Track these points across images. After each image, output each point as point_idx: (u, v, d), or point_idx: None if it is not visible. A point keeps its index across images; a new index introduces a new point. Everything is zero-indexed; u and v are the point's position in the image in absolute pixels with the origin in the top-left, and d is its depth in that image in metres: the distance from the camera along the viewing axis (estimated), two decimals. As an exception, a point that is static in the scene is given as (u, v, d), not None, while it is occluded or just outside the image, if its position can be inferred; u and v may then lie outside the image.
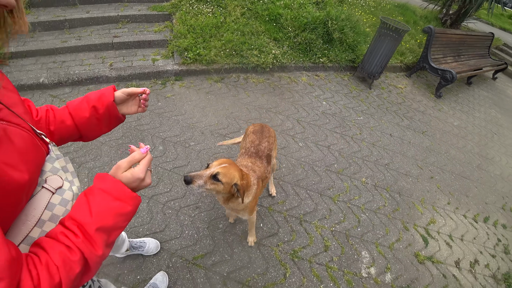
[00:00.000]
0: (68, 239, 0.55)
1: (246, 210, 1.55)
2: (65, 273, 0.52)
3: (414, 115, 4.00)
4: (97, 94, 0.89)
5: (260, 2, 4.47)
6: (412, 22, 5.90)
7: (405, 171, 2.98)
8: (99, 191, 0.62)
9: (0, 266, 0.44)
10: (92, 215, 0.58)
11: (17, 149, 0.57)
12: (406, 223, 2.45)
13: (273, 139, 1.85)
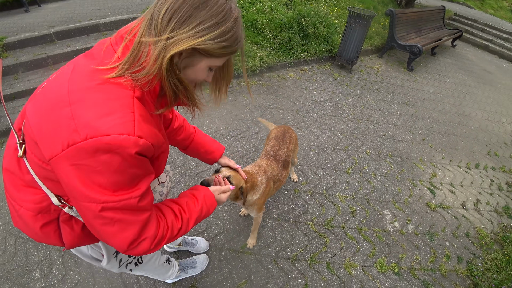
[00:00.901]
0: (180, 214, 0.83)
1: (254, 207, 1.64)
2: (170, 231, 0.77)
3: (394, 89, 4.40)
4: (215, 146, 1.29)
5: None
6: (372, 7, 6.41)
7: (400, 138, 3.32)
8: (203, 199, 0.92)
9: (149, 202, 0.70)
10: (197, 210, 0.87)
11: None
12: (412, 180, 2.76)
13: (294, 145, 1.95)
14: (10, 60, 4.03)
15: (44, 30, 4.56)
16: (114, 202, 0.60)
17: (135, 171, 0.63)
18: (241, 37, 0.68)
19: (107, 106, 0.57)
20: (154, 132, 0.65)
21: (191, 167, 2.60)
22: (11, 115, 3.36)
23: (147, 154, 0.64)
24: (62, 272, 1.92)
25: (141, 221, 0.67)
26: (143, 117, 0.62)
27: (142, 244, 0.69)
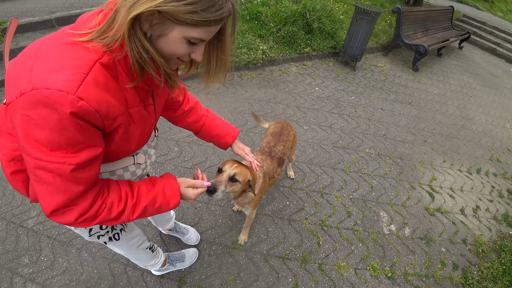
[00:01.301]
0: (126, 197, 0.76)
1: (251, 204, 1.58)
2: (106, 211, 0.72)
3: (398, 89, 4.32)
4: (227, 130, 1.24)
5: (238, 3, 4.65)
6: (379, 5, 6.29)
7: (401, 138, 3.26)
8: (162, 188, 0.84)
9: (89, 177, 0.66)
10: (148, 197, 0.80)
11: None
12: (412, 183, 2.71)
13: (291, 142, 1.91)
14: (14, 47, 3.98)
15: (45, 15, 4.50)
16: (47, 161, 0.59)
17: (73, 135, 0.59)
18: (224, 2, 0.60)
19: (61, 63, 0.56)
20: (107, 100, 0.61)
21: (186, 159, 2.56)
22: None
23: (90, 120, 0.60)
24: (50, 259, 1.90)
25: (71, 192, 0.64)
26: (97, 82, 0.59)
27: (66, 214, 0.66)
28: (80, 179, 0.64)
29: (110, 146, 0.72)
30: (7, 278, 1.82)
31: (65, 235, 2.03)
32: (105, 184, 0.75)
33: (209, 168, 2.51)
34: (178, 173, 2.43)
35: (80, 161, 0.62)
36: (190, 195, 0.88)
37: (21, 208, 2.25)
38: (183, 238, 1.89)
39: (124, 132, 0.71)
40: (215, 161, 2.58)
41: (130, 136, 0.76)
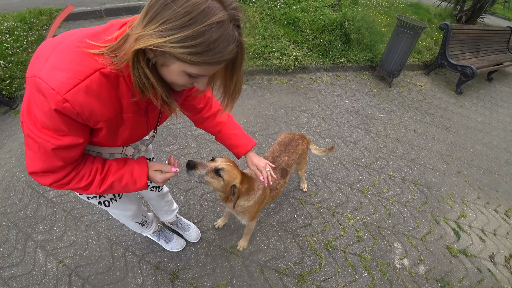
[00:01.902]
0: (95, 172, 0.85)
1: (246, 215, 1.49)
2: (76, 181, 0.82)
3: (436, 111, 4.02)
4: (241, 142, 1.25)
5: (277, 7, 4.64)
6: (427, 20, 5.93)
7: (431, 165, 3.01)
8: (131, 168, 0.91)
9: (68, 158, 0.75)
10: (116, 175, 0.88)
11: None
12: (436, 216, 2.48)
13: (298, 156, 1.81)
14: (62, 31, 4.34)
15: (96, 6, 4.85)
16: (36, 135, 0.68)
17: (58, 124, 0.67)
18: (224, 47, 0.61)
19: (66, 65, 0.63)
20: (92, 106, 0.68)
21: (202, 156, 2.59)
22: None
23: (74, 117, 0.67)
24: (62, 230, 2.02)
25: (50, 164, 0.74)
26: (89, 90, 0.65)
27: (43, 178, 0.78)
28: (59, 157, 0.73)
29: (95, 138, 0.81)
30: (22, 241, 1.97)
31: (78, 210, 2.14)
32: (83, 158, 0.84)
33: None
34: None
35: (62, 144, 0.70)
36: (157, 179, 0.94)
37: (45, 180, 2.42)
38: (184, 234, 1.92)
39: (107, 133, 0.79)
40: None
41: (117, 136, 0.83)
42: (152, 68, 0.67)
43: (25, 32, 4.10)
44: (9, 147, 2.83)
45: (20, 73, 3.59)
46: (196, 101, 1.13)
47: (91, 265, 1.81)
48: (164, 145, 2.68)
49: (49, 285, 1.73)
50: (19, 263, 1.85)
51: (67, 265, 1.82)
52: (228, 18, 0.60)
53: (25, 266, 1.83)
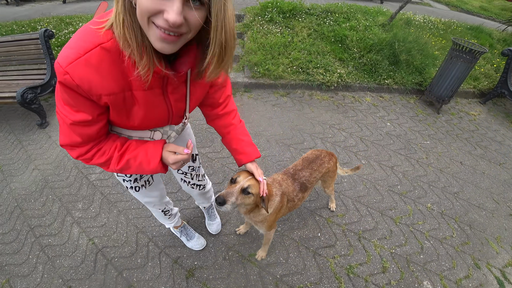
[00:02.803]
0: (114, 149, 0.90)
1: (264, 223, 1.48)
2: (97, 157, 0.88)
3: (489, 144, 3.64)
4: (246, 150, 1.20)
5: (326, 24, 4.65)
6: (488, 45, 5.44)
7: (477, 203, 2.72)
8: (147, 147, 0.92)
9: (84, 135, 0.81)
10: (132, 153, 0.91)
11: None
12: (477, 260, 2.22)
13: (321, 174, 1.75)
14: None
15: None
16: (60, 110, 0.77)
17: (67, 98, 0.74)
18: None
19: (74, 43, 0.69)
20: (91, 79, 0.71)
21: (235, 163, 2.64)
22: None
23: (76, 90, 0.72)
24: (96, 211, 2.19)
25: (71, 139, 0.82)
26: (89, 63, 0.68)
27: (70, 151, 0.86)
28: (76, 132, 0.80)
29: (110, 117, 0.85)
30: (62, 215, 2.18)
31: (114, 196, 2.32)
32: (108, 138, 0.91)
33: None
34: (223, 172, 2.53)
35: (75, 120, 0.77)
36: (169, 159, 0.91)
37: (91, 164, 2.67)
38: (207, 221, 2.06)
39: (114, 110, 0.81)
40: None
41: (131, 115, 0.85)
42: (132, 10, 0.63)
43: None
44: (66, 130, 3.17)
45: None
46: (218, 94, 1.12)
47: (117, 248, 1.93)
48: (200, 147, 2.80)
49: (77, 259, 1.88)
50: (56, 234, 2.05)
51: (96, 244, 1.96)
52: None
53: (60, 237, 2.02)
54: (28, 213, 2.21)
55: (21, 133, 3.17)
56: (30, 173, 2.59)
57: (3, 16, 7.04)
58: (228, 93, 1.17)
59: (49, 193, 2.37)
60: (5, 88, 3.18)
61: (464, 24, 6.02)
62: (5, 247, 1.98)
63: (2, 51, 3.40)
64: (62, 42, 4.34)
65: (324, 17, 4.79)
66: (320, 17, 4.81)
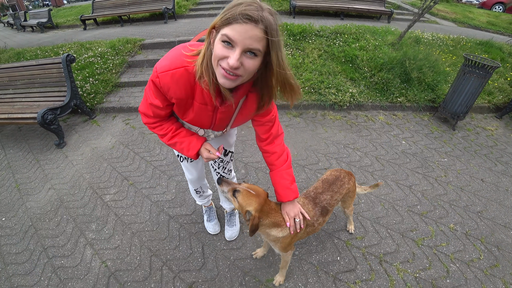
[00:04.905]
0: (170, 129, 1.24)
1: (278, 244, 1.48)
2: (158, 129, 1.24)
3: (510, 160, 3.51)
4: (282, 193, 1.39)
5: (336, 45, 4.73)
6: (499, 59, 5.39)
7: (503, 222, 2.58)
8: (191, 139, 1.26)
9: (155, 113, 1.16)
10: (180, 139, 1.25)
11: None
12: (508, 284, 2.07)
13: (342, 196, 1.74)
14: (141, 57, 5.02)
15: (172, 38, 5.55)
16: (147, 92, 1.11)
17: (152, 88, 1.05)
18: (243, 7, 0.78)
19: (170, 58, 0.98)
20: (170, 87, 1.00)
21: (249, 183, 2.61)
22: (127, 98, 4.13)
23: (158, 88, 1.03)
24: (110, 233, 2.18)
25: (147, 111, 1.16)
26: (173, 76, 0.97)
27: (143, 118, 1.21)
28: (151, 110, 1.14)
29: (173, 108, 1.15)
30: (75, 236, 2.17)
31: (128, 217, 2.30)
32: (170, 119, 1.25)
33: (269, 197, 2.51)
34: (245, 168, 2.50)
35: (153, 103, 1.09)
36: (204, 154, 1.25)
37: (106, 183, 2.69)
38: (226, 226, 2.17)
39: (177, 107, 1.11)
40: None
41: (186, 113, 1.15)
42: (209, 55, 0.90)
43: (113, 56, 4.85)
44: (82, 150, 3.25)
45: (103, 89, 4.20)
46: (261, 130, 1.33)
47: (130, 271, 1.90)
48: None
49: (89, 282, 1.85)
50: (69, 255, 2.03)
51: (108, 267, 1.93)
52: (257, 5, 0.79)
53: (73, 259, 2.00)
54: (42, 233, 2.21)
55: (39, 153, 3.26)
56: (46, 193, 2.62)
57: (28, 42, 7.51)
58: (272, 132, 1.32)
59: (64, 213, 2.38)
60: (27, 109, 3.32)
61: (474, 40, 6.02)
62: (17, 267, 1.97)
63: (26, 74, 3.59)
64: (82, 65, 4.54)
65: (333, 38, 4.89)
66: (329, 38, 4.90)
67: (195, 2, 8.94)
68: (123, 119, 3.83)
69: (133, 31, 6.78)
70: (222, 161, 1.71)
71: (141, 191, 2.58)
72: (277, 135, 1.35)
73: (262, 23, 0.78)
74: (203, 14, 8.11)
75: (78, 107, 3.66)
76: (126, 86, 4.47)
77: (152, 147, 3.21)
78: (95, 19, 8.32)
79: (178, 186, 2.62)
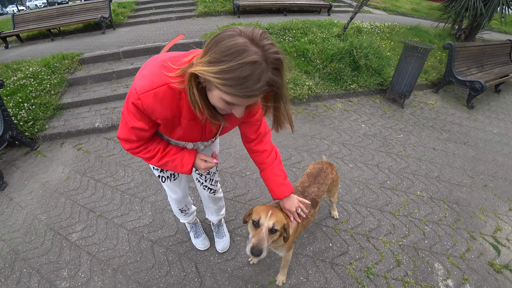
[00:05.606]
0: (158, 150, 1.14)
1: (285, 246, 1.49)
2: (143, 152, 1.12)
3: (451, 127, 4.00)
4: (276, 190, 1.35)
5: (286, 40, 4.86)
6: (428, 41, 6.11)
7: (457, 181, 2.93)
8: (183, 155, 1.18)
9: (139, 136, 1.04)
10: (171, 157, 1.16)
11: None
12: (471, 232, 2.36)
13: (327, 186, 1.80)
14: (82, 73, 4.56)
15: (114, 49, 5.14)
16: (125, 115, 0.99)
17: (133, 111, 0.94)
18: (253, 85, 0.70)
19: (149, 76, 0.89)
20: (155, 107, 0.91)
21: (228, 190, 2.55)
22: (74, 120, 3.71)
23: (141, 110, 0.93)
24: (87, 276, 1.93)
25: (128, 136, 1.04)
26: (156, 96, 0.89)
27: (124, 144, 1.09)
28: (134, 134, 1.02)
29: (159, 128, 1.07)
30: (46, 290, 1.86)
31: (104, 253, 2.06)
32: (154, 139, 1.14)
33: (250, 201, 2.47)
34: (232, 207, 2.42)
35: (135, 126, 0.98)
36: (201, 166, 1.19)
37: (69, 221, 2.37)
38: (215, 239, 2.07)
39: (163, 127, 1.03)
40: (256, 193, 2.53)
41: (174, 132, 1.07)
42: (202, 90, 0.83)
43: (49, 75, 4.29)
44: (30, 188, 2.82)
45: (42, 114, 3.69)
46: (249, 130, 1.26)
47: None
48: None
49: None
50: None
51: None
52: (262, 58, 0.68)
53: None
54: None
55: (-26, 202, 2.75)
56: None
57: None
58: (260, 131, 1.28)
59: (23, 266, 2.03)
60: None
61: (405, 26, 6.74)
62: None
63: None
64: (12, 90, 3.91)
65: (282, 34, 5.02)
66: (279, 35, 5.02)
67: (133, 9, 8.39)
68: (73, 145, 3.43)
69: (68, 45, 6.11)
70: (208, 173, 1.63)
71: (113, 221, 2.34)
72: (265, 133, 1.31)
73: (269, 87, 0.75)
74: (143, 20, 7.67)
75: (15, 138, 3.17)
76: (71, 107, 4.02)
77: (114, 170, 2.93)
78: (18, 35, 7.27)
79: (153, 207, 2.44)
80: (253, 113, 1.18)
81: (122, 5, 8.31)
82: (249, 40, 0.68)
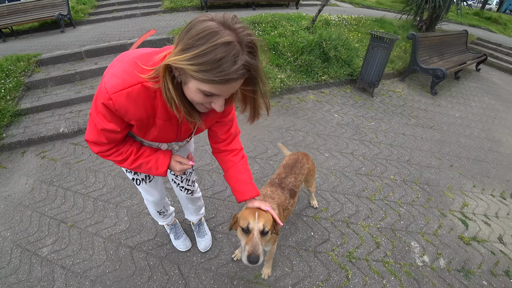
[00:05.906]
0: (131, 152, 1.08)
1: (271, 240, 1.47)
2: (115, 155, 1.05)
3: (418, 113, 4.23)
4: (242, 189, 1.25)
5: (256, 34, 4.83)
6: (393, 32, 6.39)
7: (426, 163, 3.11)
8: (157, 157, 1.13)
9: (110, 138, 0.96)
10: (145, 159, 1.11)
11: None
12: (442, 210, 2.52)
13: (304, 176, 1.80)
14: (41, 75, 4.23)
15: (76, 48, 4.82)
16: (94, 116, 0.91)
17: (104, 112, 0.87)
18: (229, 67, 0.67)
19: (121, 74, 0.83)
20: (128, 108, 0.86)
21: (206, 187, 2.50)
22: (36, 126, 3.45)
23: (113, 111, 0.86)
24: (63, 291, 1.81)
25: (98, 139, 0.96)
26: (129, 95, 0.83)
27: (92, 147, 1.01)
28: (104, 136, 0.95)
29: (131, 129, 1.01)
30: (18, 311, 1.73)
31: (79, 265, 1.95)
32: (126, 140, 1.08)
33: (229, 197, 2.44)
34: (212, 204, 2.36)
35: (105, 128, 0.91)
36: (176, 168, 1.15)
37: (37, 235, 2.21)
38: (197, 238, 2.03)
39: (137, 128, 0.98)
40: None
41: (148, 133, 1.02)
42: (178, 85, 0.79)
43: (3, 79, 3.95)
44: (-9, 204, 2.59)
45: (-2, 123, 3.39)
46: (221, 130, 1.22)
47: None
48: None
49: None
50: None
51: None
52: (235, 40, 0.66)
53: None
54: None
55: None
56: (-46, 271, 2.02)
57: None
58: (231, 132, 1.25)
59: (-10, 288, 1.88)
60: None
61: (370, 18, 6.96)
62: None
63: None
64: None
65: (252, 28, 4.96)
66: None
67: (94, 5, 7.93)
68: (36, 153, 3.19)
69: (22, 46, 5.64)
70: (184, 173, 1.58)
71: (87, 230, 2.21)
72: (235, 134, 1.29)
73: (246, 71, 0.71)
74: (106, 18, 7.27)
75: (-31, 151, 2.90)
76: (30, 112, 3.72)
77: (84, 176, 2.77)
78: (-39, 38, 6.61)
79: (129, 211, 2.34)
80: (227, 112, 1.16)
81: (82, 2, 7.83)
82: (221, 24, 0.67)
